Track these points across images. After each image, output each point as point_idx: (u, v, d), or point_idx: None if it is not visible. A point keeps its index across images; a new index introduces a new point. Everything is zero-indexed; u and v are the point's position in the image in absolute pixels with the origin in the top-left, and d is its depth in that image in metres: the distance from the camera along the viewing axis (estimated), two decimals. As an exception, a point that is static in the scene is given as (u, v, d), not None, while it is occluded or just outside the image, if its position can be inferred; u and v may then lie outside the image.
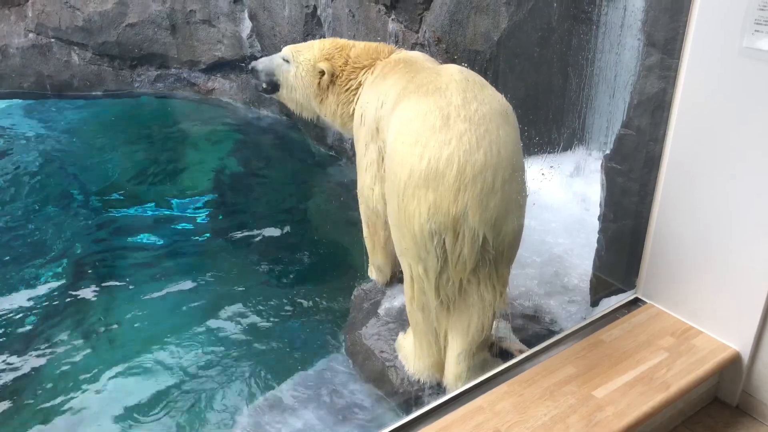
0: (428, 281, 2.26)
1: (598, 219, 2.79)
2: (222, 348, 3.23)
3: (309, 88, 2.96)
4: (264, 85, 3.14)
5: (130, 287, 3.69)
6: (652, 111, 2.41)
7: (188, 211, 4.46)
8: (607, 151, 2.73)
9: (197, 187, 4.74)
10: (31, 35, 6.16)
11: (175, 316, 3.47)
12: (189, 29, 6.03)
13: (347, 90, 2.87)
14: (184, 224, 4.31)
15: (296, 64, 2.97)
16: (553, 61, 3.58)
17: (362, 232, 2.96)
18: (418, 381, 2.52)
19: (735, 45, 2.04)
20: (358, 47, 2.90)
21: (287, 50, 3.01)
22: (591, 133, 3.70)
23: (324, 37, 4.95)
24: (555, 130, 3.69)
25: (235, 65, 6.07)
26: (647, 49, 2.38)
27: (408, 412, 2.21)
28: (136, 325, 3.41)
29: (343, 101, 2.89)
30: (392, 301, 2.97)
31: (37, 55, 6.20)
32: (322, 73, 2.88)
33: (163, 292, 3.65)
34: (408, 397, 2.52)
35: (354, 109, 2.85)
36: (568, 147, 3.73)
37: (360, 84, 2.83)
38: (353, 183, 2.89)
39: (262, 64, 3.13)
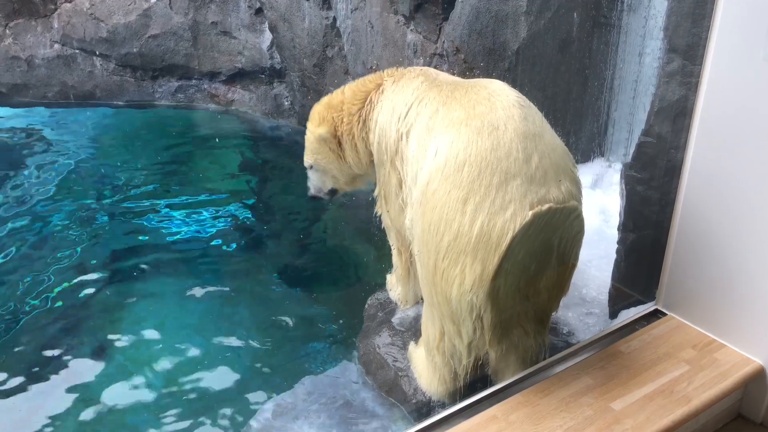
0: (461, 341, 2.14)
1: (618, 229, 2.74)
2: (233, 353, 3.23)
3: (333, 162, 2.71)
4: (330, 198, 2.97)
5: (144, 292, 3.71)
6: (673, 118, 2.37)
7: (206, 219, 4.48)
8: (628, 159, 2.69)
9: (215, 196, 4.77)
10: (56, 46, 6.27)
11: (188, 320, 3.48)
12: (210, 41, 6.10)
13: (359, 121, 2.55)
14: (201, 232, 4.34)
15: (314, 160, 2.76)
16: (572, 71, 3.55)
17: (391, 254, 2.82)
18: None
19: (759, 50, 2.00)
20: (352, 84, 2.63)
21: (305, 161, 2.84)
22: (611, 144, 3.65)
23: (342, 48, 5.00)
24: (574, 140, 3.65)
25: (255, 76, 6.13)
26: (668, 55, 2.35)
27: (420, 420, 2.17)
28: (149, 328, 3.42)
29: (360, 137, 2.58)
30: (406, 310, 2.93)
31: (61, 66, 6.31)
32: (325, 139, 2.64)
33: (174, 297, 3.66)
34: (420, 405, 2.48)
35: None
36: (587, 158, 3.69)
37: (372, 106, 2.53)
38: (369, 193, 2.84)
39: (313, 188, 2.95)
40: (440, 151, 2.05)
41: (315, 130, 2.68)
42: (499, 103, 2.07)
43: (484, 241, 1.91)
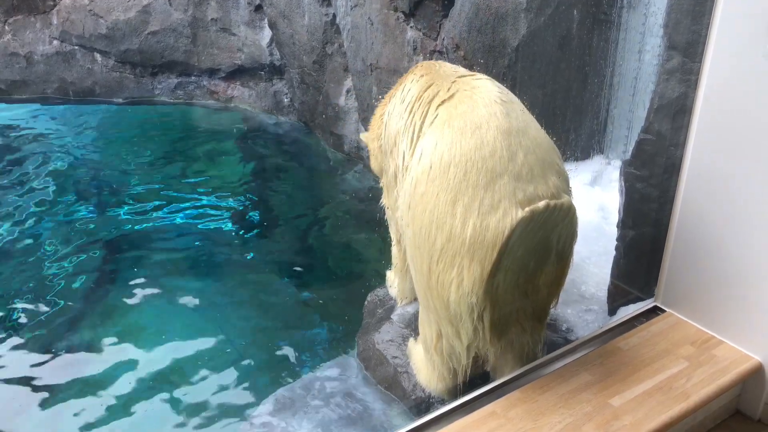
0: (460, 343, 2.13)
1: (617, 226, 2.74)
2: (234, 349, 3.23)
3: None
4: None
5: (142, 287, 3.72)
6: (672, 115, 2.37)
7: (204, 214, 4.49)
8: (627, 157, 2.69)
9: (215, 192, 4.78)
10: (55, 42, 6.27)
11: (187, 315, 3.49)
12: (209, 37, 6.10)
13: (381, 121, 2.61)
14: (200, 227, 4.34)
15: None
16: (572, 68, 3.55)
17: (390, 247, 2.81)
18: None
19: (759, 47, 2.00)
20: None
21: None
22: (610, 142, 3.66)
23: (342, 45, 5.00)
24: (574, 137, 3.66)
25: (254, 73, 6.12)
26: (668, 52, 2.35)
27: (420, 416, 2.18)
28: (147, 323, 3.43)
29: (379, 135, 2.62)
30: (405, 307, 2.94)
31: (60, 62, 6.30)
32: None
33: (174, 292, 3.67)
34: (420, 401, 2.48)
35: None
36: (587, 155, 3.69)
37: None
38: (369, 189, 2.86)
39: None
40: (425, 154, 2.05)
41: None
42: (481, 101, 2.06)
43: (479, 242, 1.90)
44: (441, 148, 2.00)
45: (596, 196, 3.46)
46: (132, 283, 3.77)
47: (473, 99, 2.07)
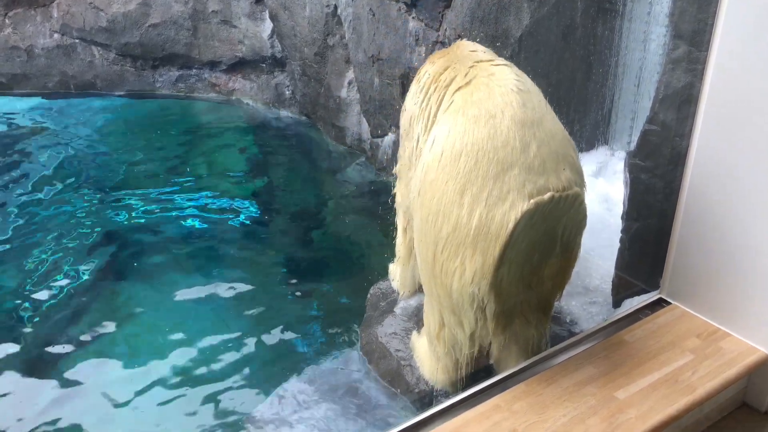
0: (462, 332, 2.12)
1: (621, 218, 2.72)
2: (237, 343, 3.23)
3: None
4: None
5: (145, 281, 3.72)
6: (678, 105, 2.34)
7: (206, 208, 4.47)
8: (631, 148, 2.67)
9: (216, 186, 4.76)
10: (56, 35, 6.24)
11: (189, 310, 3.48)
12: (210, 30, 6.06)
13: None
14: (201, 221, 4.33)
15: None
16: (576, 58, 3.52)
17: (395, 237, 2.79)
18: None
19: (766, 37, 1.97)
20: None
21: None
22: (614, 132, 3.63)
23: (343, 37, 4.97)
24: (578, 128, 3.63)
25: (256, 66, 6.09)
26: (674, 41, 2.32)
27: (423, 409, 2.16)
28: (149, 318, 3.43)
29: None
30: (408, 300, 2.93)
31: (61, 56, 6.27)
32: None
33: (177, 286, 3.66)
34: (423, 395, 2.47)
35: None
36: (591, 146, 3.67)
37: None
38: (371, 182, 2.84)
39: None
40: (437, 141, 2.02)
41: None
42: (498, 89, 2.02)
43: (483, 233, 1.89)
44: (453, 135, 1.97)
45: (600, 187, 3.43)
46: (133, 276, 3.76)
47: (490, 87, 2.03)
